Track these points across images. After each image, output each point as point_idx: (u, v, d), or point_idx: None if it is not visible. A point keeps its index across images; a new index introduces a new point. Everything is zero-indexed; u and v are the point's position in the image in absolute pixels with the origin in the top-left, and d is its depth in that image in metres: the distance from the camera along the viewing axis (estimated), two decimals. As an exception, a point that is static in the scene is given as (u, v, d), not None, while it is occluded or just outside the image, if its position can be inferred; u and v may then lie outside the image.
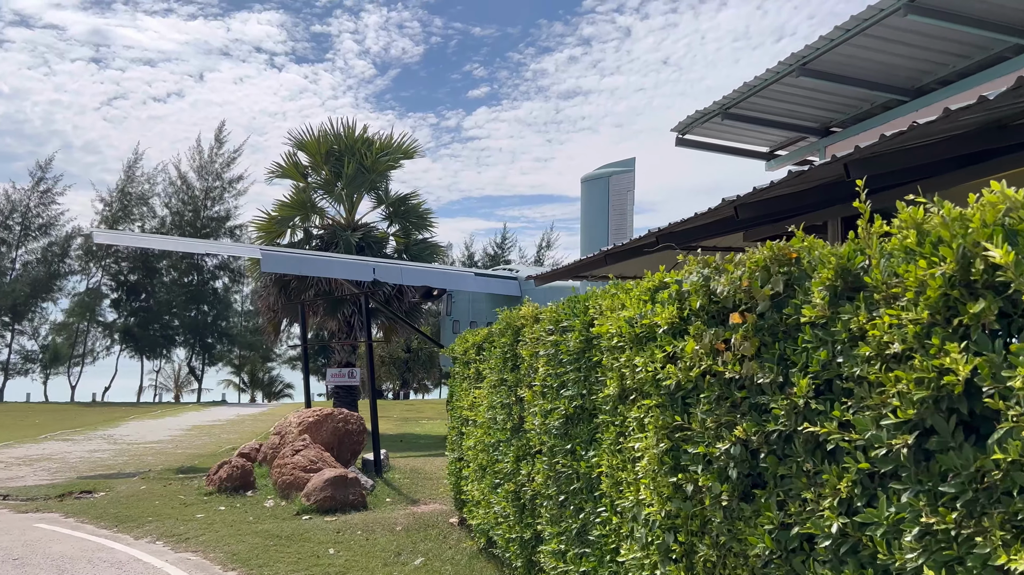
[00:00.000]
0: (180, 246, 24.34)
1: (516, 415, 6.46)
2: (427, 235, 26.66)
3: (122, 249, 50.51)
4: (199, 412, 37.00)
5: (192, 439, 23.17)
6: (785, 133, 10.24)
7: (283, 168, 26.07)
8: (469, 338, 8.85)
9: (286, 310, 25.36)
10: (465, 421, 8.78)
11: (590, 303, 4.82)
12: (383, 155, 25.68)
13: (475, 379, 8.47)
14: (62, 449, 19.72)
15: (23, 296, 49.53)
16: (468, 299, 23.15)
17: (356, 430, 12.57)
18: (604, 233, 14.66)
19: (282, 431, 12.62)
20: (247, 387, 65.56)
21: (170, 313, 52.23)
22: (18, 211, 49.87)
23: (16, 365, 54.00)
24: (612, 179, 14.52)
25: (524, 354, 6.23)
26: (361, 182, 25.43)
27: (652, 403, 3.78)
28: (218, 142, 53.26)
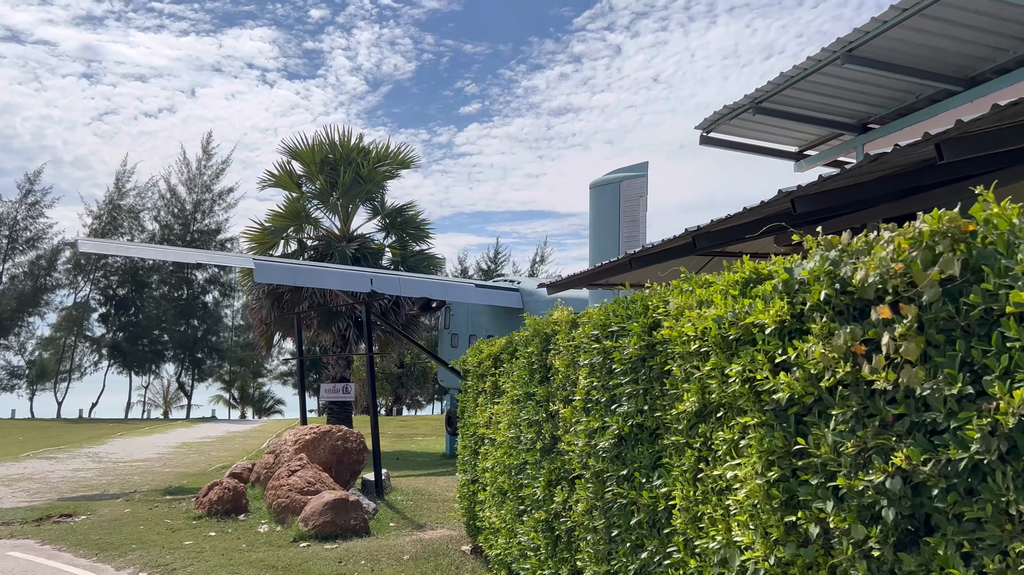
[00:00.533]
0: (169, 255, 23.55)
1: (548, 433, 5.69)
2: (424, 247, 25.92)
3: (111, 262, 49.51)
4: (188, 429, 35.98)
5: (180, 457, 22.22)
6: (817, 130, 9.58)
7: (276, 177, 25.27)
8: (484, 349, 8.08)
9: (279, 323, 24.51)
10: (480, 439, 8.00)
11: (650, 302, 4.08)
12: (380, 165, 24.96)
13: (492, 394, 7.69)
14: (44, 468, 18.77)
15: (9, 310, 48.39)
16: (467, 311, 22.39)
17: (356, 448, 11.75)
18: (615, 241, 13.95)
19: (277, 450, 11.78)
20: (237, 403, 64.39)
21: (159, 328, 51.15)
22: (5, 224, 48.79)
23: (1, 381, 52.76)
24: (623, 184, 13.82)
25: (558, 364, 5.47)
26: (357, 192, 24.67)
27: (752, 421, 3.03)
28: (206, 154, 52.45)
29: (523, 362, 6.40)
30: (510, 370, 6.97)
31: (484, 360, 7.98)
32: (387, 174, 25.24)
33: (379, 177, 25.02)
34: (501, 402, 7.13)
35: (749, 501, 3.04)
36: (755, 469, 2.99)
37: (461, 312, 22.47)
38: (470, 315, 22.25)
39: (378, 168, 24.88)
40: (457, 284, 19.89)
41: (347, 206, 25.09)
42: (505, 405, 7.00)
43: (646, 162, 13.82)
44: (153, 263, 50.82)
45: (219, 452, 24.04)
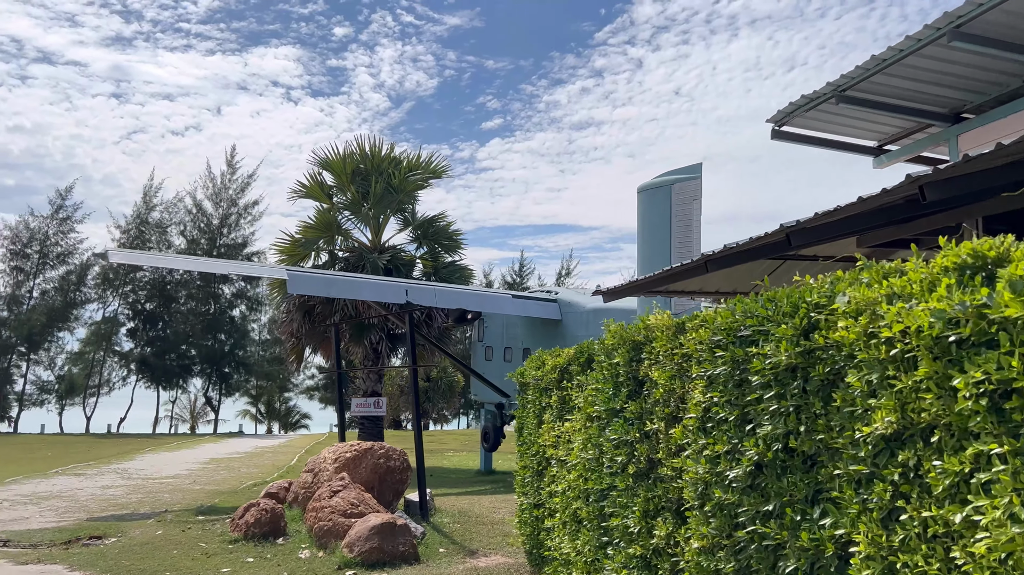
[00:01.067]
0: (200, 266, 22.99)
1: (643, 456, 4.93)
2: (456, 258, 25.28)
3: (139, 276, 49.44)
4: (216, 444, 35.48)
5: (210, 473, 21.64)
6: (901, 122, 8.80)
7: (306, 188, 24.78)
8: (548, 360, 7.34)
9: (310, 337, 23.95)
10: (545, 460, 7.25)
11: (807, 298, 3.32)
12: (411, 174, 24.39)
13: (559, 410, 6.95)
14: (73, 485, 18.23)
15: (39, 325, 48.37)
16: (502, 323, 21.67)
17: (399, 467, 11.03)
18: (666, 247, 13.17)
19: (315, 468, 11.09)
20: (264, 418, 64.02)
21: (187, 342, 50.92)
22: (36, 240, 48.91)
23: (32, 396, 52.74)
24: (675, 187, 13.06)
25: (656, 376, 4.72)
26: (389, 202, 24.11)
27: (998, 448, 2.28)
28: (231, 168, 52.37)
29: (604, 374, 5.66)
30: (585, 383, 6.23)
31: (548, 373, 7.24)
32: (418, 184, 24.66)
33: (411, 187, 24.44)
34: (573, 419, 6.38)
35: (995, 555, 2.27)
36: (1008, 512, 2.23)
37: (495, 324, 21.75)
38: (505, 327, 21.53)
39: (410, 178, 24.32)
40: (493, 295, 19.23)
41: (378, 217, 24.53)
42: (579, 422, 6.25)
43: (700, 163, 13.08)
44: (181, 277, 50.69)
45: (249, 468, 23.44)
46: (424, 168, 24.58)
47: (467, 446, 36.74)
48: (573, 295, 19.61)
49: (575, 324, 18.89)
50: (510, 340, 21.29)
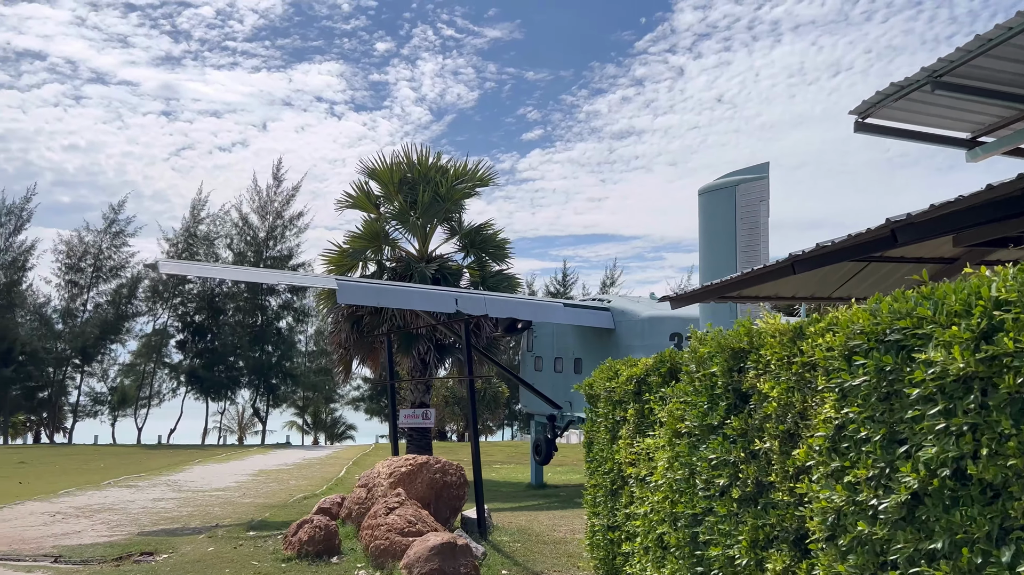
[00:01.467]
0: (249, 276, 22.88)
1: (750, 479, 4.36)
2: (504, 267, 24.84)
3: (188, 289, 50.02)
4: (264, 455, 35.47)
5: (259, 486, 21.43)
6: (1001, 110, 8.09)
7: (353, 198, 24.60)
8: (623, 370, 6.79)
9: (358, 347, 23.68)
10: (621, 479, 6.69)
11: (978, 293, 2.75)
12: (459, 183, 24.05)
13: (637, 424, 6.39)
14: (124, 497, 18.12)
15: (92, 338, 49.18)
16: (552, 333, 21.12)
17: (456, 482, 10.54)
18: (730, 252, 12.53)
19: (369, 483, 10.66)
20: (310, 429, 64.28)
21: (235, 354, 51.33)
22: (90, 254, 49.83)
23: (85, 407, 53.69)
24: (740, 188, 12.42)
25: (766, 389, 4.16)
26: (436, 211, 23.78)
27: None
28: (276, 180, 52.82)
29: (695, 386, 5.10)
30: (669, 396, 5.67)
31: (622, 384, 6.69)
32: (466, 192, 24.32)
33: (458, 195, 24.10)
34: (657, 435, 5.82)
35: None
36: None
37: (545, 334, 21.22)
38: (555, 336, 20.98)
39: (456, 186, 23.98)
40: (544, 303, 18.71)
41: (425, 226, 24.22)
42: (663, 439, 5.69)
43: (766, 163, 12.42)
44: (228, 290, 51.16)
45: (298, 481, 23.21)
46: (471, 176, 24.22)
47: (514, 458, 36.21)
48: (627, 303, 18.99)
49: (629, 333, 18.26)
50: (561, 350, 20.74)
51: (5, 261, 48.49)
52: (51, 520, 14.42)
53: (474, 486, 10.91)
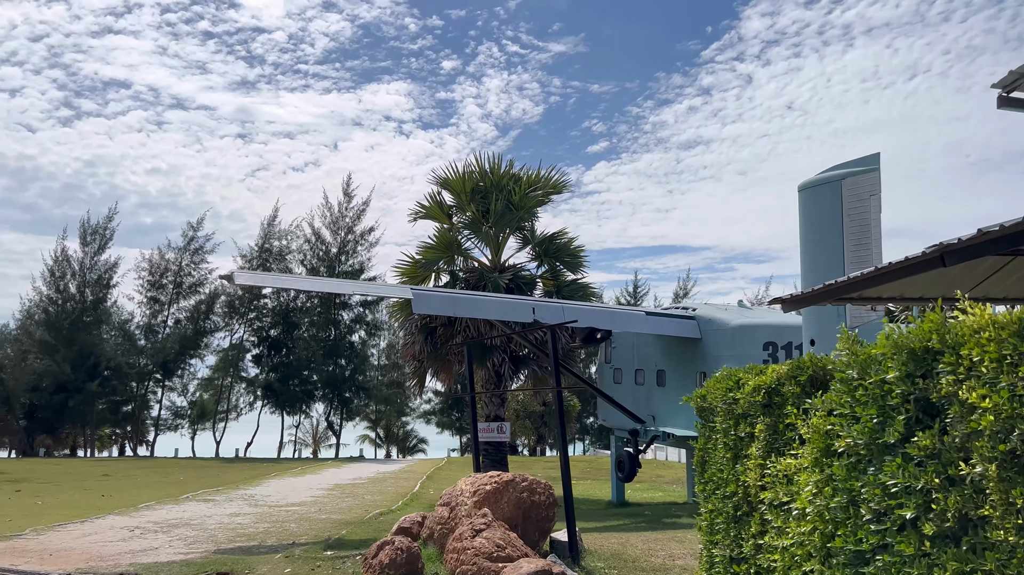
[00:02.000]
0: (324, 287, 22.61)
1: (951, 511, 3.46)
2: (578, 276, 24.00)
3: (263, 304, 50.71)
4: (338, 469, 35.34)
5: (335, 501, 21.04)
6: None
7: (426, 209, 24.18)
8: (747, 379, 5.91)
9: (432, 359, 23.16)
10: (748, 503, 5.80)
11: None
12: (532, 190, 23.38)
13: (770, 441, 5.50)
14: (202, 512, 17.92)
15: (173, 353, 50.27)
16: (632, 344, 20.19)
17: (545, 502, 9.76)
18: (836, 252, 11.46)
19: (452, 501, 9.97)
20: (382, 442, 64.44)
21: (309, 368, 51.75)
22: (171, 271, 51.07)
23: (167, 421, 54.92)
24: (847, 183, 11.36)
25: (977, 400, 3.27)
26: (508, 220, 23.16)
27: None
28: (347, 196, 53.30)
29: (859, 396, 4.20)
30: (814, 407, 4.78)
31: (748, 395, 5.81)
32: (539, 199, 23.63)
33: (531, 203, 23.43)
34: (801, 454, 4.93)
35: None
36: None
37: (625, 344, 20.29)
38: (635, 347, 20.04)
39: (529, 194, 23.32)
40: (624, 312, 17.80)
41: (498, 235, 23.61)
42: (808, 458, 4.80)
43: (876, 154, 11.33)
44: (302, 304, 51.69)
45: (373, 496, 22.77)
46: (544, 184, 23.53)
47: (589, 473, 35.20)
48: (714, 311, 17.94)
49: (717, 343, 17.21)
50: (641, 361, 19.78)
51: (91, 279, 50.05)
52: (129, 535, 14.20)
53: (564, 506, 10.11)
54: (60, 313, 49.07)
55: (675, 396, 18.56)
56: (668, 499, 22.56)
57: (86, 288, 49.89)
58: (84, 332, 48.67)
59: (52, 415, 49.54)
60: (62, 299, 49.38)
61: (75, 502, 20.39)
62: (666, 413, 18.72)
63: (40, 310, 49.52)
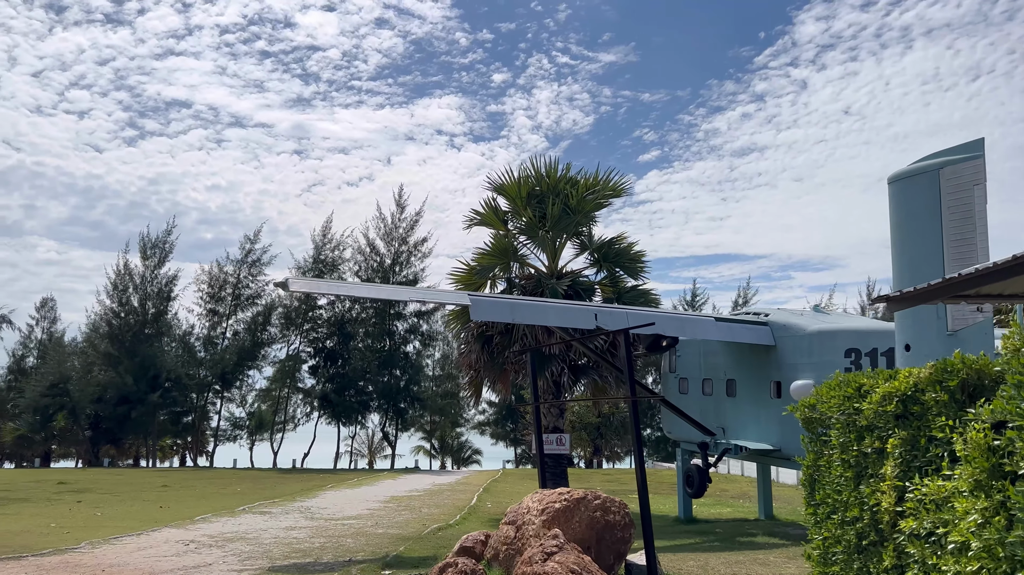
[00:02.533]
0: (379, 293, 22.05)
1: None
2: (639, 282, 23.06)
3: (318, 315, 50.81)
4: (394, 480, 34.89)
5: (392, 514, 20.45)
6: None
7: (481, 215, 23.54)
8: (874, 385, 5.03)
9: (488, 369, 22.44)
10: (877, 531, 4.91)
11: None
12: (589, 193, 22.56)
13: (908, 459, 4.62)
14: (257, 525, 17.49)
15: (231, 364, 50.67)
16: (699, 351, 19.17)
17: (620, 522, 8.92)
18: (935, 247, 10.41)
19: (518, 520, 9.20)
20: (437, 453, 64.00)
21: (364, 378, 51.61)
22: (229, 283, 51.59)
23: (226, 431, 55.39)
24: (944, 171, 10.31)
25: None
26: (566, 224, 22.36)
27: None
28: (399, 207, 53.18)
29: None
30: (968, 419, 3.90)
31: (877, 404, 4.93)
32: (598, 203, 22.79)
33: (589, 207, 22.60)
34: (957, 475, 4.05)
35: None
36: None
37: (691, 352, 19.27)
38: (703, 355, 19.02)
39: (587, 198, 22.49)
40: (693, 318, 16.82)
41: (555, 240, 22.84)
42: (965, 481, 3.91)
43: (980, 139, 10.27)
44: (356, 315, 51.63)
45: (430, 509, 22.13)
46: (602, 187, 22.68)
47: (653, 487, 34.04)
48: (788, 317, 16.85)
49: (793, 350, 16.12)
50: (709, 370, 18.75)
51: (152, 292, 50.84)
52: (184, 550, 13.79)
53: (642, 527, 9.25)
54: (123, 326, 49.91)
55: (747, 407, 17.50)
56: (737, 515, 21.41)
57: (147, 301, 50.68)
58: (146, 344, 49.40)
59: (115, 426, 50.36)
60: (125, 312, 50.24)
61: (134, 513, 20.22)
62: (737, 425, 17.67)
63: (104, 323, 50.45)
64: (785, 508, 22.05)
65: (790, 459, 16.59)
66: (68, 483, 30.87)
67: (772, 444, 16.56)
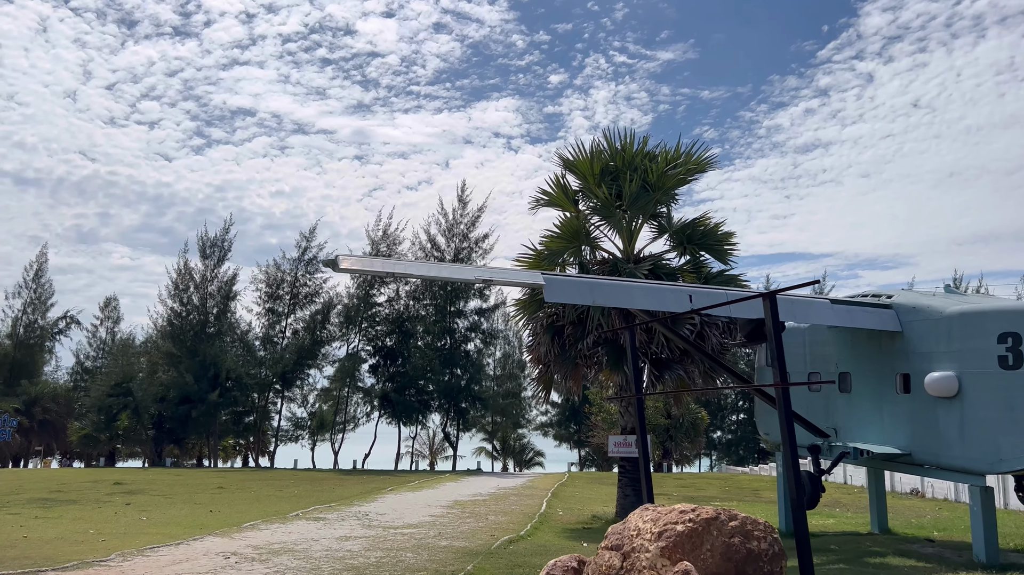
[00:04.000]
0: (441, 272, 20.03)
1: None
2: (726, 267, 20.59)
3: (377, 312, 49.36)
4: (456, 483, 32.97)
5: (456, 522, 18.43)
6: None
7: (549, 195, 21.40)
8: None
9: (559, 363, 20.28)
10: None
11: None
12: (671, 168, 20.21)
13: None
14: (309, 534, 15.66)
15: (291, 363, 49.61)
16: (803, 340, 16.60)
17: (767, 551, 6.63)
18: None
19: (624, 545, 7.00)
20: (499, 455, 62.04)
21: (424, 378, 49.96)
22: (286, 282, 50.59)
23: (288, 432, 54.43)
24: None
25: None
26: (644, 203, 20.05)
27: None
28: (461, 202, 51.59)
29: None
30: None
31: None
32: (680, 178, 20.42)
33: (670, 183, 20.26)
34: None
35: None
36: None
37: (795, 342, 16.67)
38: (808, 345, 16.45)
39: (668, 172, 20.15)
40: (804, 300, 14.30)
41: (632, 221, 20.55)
42: None
43: None
44: (416, 312, 50.02)
45: (496, 516, 20.04)
46: (684, 161, 20.30)
47: (728, 493, 31.39)
48: (918, 298, 14.19)
49: (926, 336, 13.50)
50: (817, 362, 16.19)
51: (212, 291, 50.18)
52: (224, 564, 11.97)
53: (799, 558, 6.95)
54: (184, 325, 49.34)
55: (865, 404, 14.90)
56: (844, 527, 18.75)
57: (208, 300, 50.04)
58: (206, 343, 48.71)
59: (177, 426, 49.78)
60: (186, 311, 49.69)
61: (181, 518, 18.68)
62: (853, 425, 15.09)
63: (166, 322, 49.99)
64: (898, 521, 19.27)
65: (922, 465, 13.97)
66: (124, 483, 29.81)
67: (900, 447, 13.95)
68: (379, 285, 50.04)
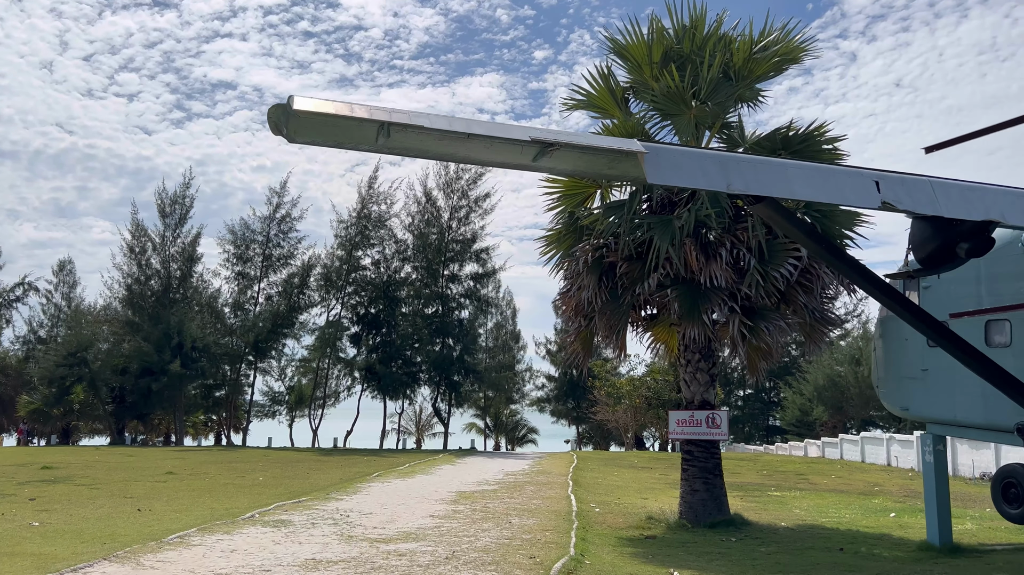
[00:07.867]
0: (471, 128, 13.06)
1: None
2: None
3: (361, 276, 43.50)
4: (454, 467, 27.44)
5: (469, 528, 12.83)
6: None
7: (588, 94, 15.66)
8: None
9: (607, 313, 14.65)
10: None
11: None
12: (760, 50, 14.58)
13: None
14: (259, 557, 10.04)
15: (265, 331, 43.67)
16: (976, 275, 11.14)
17: None
18: None
19: None
20: (491, 432, 56.64)
21: (412, 348, 44.23)
22: (257, 242, 44.54)
23: (264, 407, 48.64)
24: None
25: None
26: (725, 97, 14.43)
27: None
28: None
29: None
30: None
31: None
32: (774, 66, 14.80)
33: (760, 70, 14.67)
34: None
35: None
36: None
37: (968, 277, 11.17)
38: (988, 281, 11.00)
39: (757, 56, 14.54)
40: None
41: (708, 124, 14.90)
42: None
43: None
44: (405, 275, 44.11)
45: (520, 516, 14.50)
46: (784, 38, 14.64)
47: (776, 479, 26.20)
48: None
49: None
50: (1004, 297, 10.73)
51: (173, 253, 44.05)
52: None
53: None
54: (144, 291, 43.19)
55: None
56: (1014, 538, 13.43)
57: (170, 263, 43.89)
58: (168, 310, 42.58)
59: (140, 399, 43.79)
60: (144, 276, 43.52)
61: (88, 524, 13.00)
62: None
63: (122, 287, 43.80)
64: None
65: None
66: (54, 468, 24.05)
67: None
68: (364, 247, 44.15)
